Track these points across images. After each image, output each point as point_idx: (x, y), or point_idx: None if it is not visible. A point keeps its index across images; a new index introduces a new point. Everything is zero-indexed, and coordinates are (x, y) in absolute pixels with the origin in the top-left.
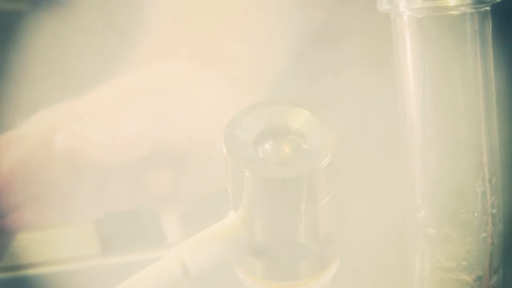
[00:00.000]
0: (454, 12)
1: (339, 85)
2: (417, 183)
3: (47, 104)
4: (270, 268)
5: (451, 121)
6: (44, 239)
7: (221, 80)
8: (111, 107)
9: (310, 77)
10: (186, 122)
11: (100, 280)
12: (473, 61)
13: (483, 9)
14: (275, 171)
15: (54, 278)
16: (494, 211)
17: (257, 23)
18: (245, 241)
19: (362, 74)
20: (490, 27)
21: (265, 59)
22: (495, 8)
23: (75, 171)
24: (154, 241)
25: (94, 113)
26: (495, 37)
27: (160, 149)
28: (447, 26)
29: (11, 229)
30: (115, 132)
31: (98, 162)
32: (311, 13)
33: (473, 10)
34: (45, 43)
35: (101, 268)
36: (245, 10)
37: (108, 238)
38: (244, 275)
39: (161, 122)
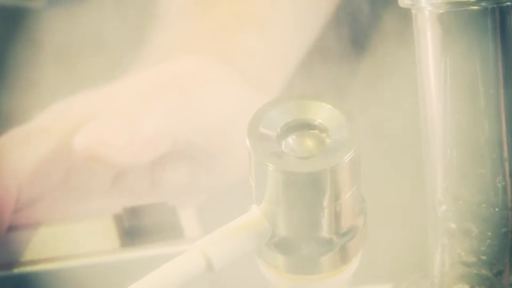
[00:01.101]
0: (476, 7)
1: (359, 80)
2: (438, 178)
3: (62, 99)
4: (292, 262)
5: (472, 116)
6: (62, 234)
7: (237, 75)
8: (128, 105)
9: (328, 71)
10: (203, 117)
11: (119, 275)
12: (494, 56)
13: (504, 4)
14: (298, 165)
15: (73, 273)
16: None
17: (274, 18)
18: (268, 235)
19: (381, 68)
20: None
21: (282, 54)
22: None
23: (93, 169)
24: (172, 235)
25: (111, 110)
26: None
27: (178, 146)
28: (468, 21)
29: (29, 224)
30: (134, 133)
31: (117, 162)
32: (328, 7)
33: (495, 5)
34: (60, 40)
35: (120, 262)
36: (261, 5)
37: (126, 233)
38: (266, 269)
39: (179, 120)
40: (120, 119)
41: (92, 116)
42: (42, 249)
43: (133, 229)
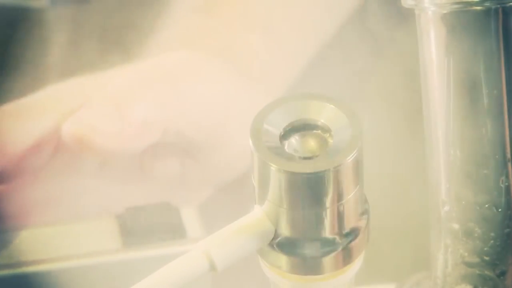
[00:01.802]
0: (479, 8)
1: (364, 81)
2: (442, 178)
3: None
4: (295, 262)
5: (475, 117)
6: (65, 234)
7: (235, 72)
8: (120, 93)
9: (334, 72)
10: (196, 110)
11: (121, 275)
12: (498, 56)
13: (508, 5)
14: (301, 166)
15: (75, 273)
16: None
17: (281, 19)
18: (270, 235)
19: (385, 70)
20: None
21: (287, 55)
22: None
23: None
24: (175, 236)
25: (102, 97)
26: None
27: (168, 137)
28: (471, 21)
29: (30, 224)
30: (123, 120)
31: (106, 149)
32: (336, 10)
33: (498, 6)
34: (64, 39)
35: (122, 262)
36: (269, 5)
37: (129, 233)
38: (269, 269)
39: (170, 110)
40: (111, 106)
41: (85, 101)
42: (44, 249)
43: (135, 229)
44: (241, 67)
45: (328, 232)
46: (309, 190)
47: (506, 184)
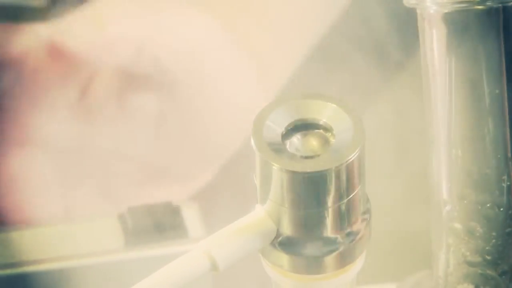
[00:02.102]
0: (480, 7)
1: (363, 80)
2: (443, 178)
3: None
4: (297, 262)
5: (477, 116)
6: (67, 233)
7: (223, 29)
8: (101, 10)
9: (332, 70)
10: (175, 42)
11: (122, 275)
12: (498, 55)
13: (509, 4)
14: (302, 165)
15: (77, 272)
16: None
17: (280, 15)
18: (272, 234)
19: (386, 68)
20: None
21: (285, 51)
22: None
23: (59, 68)
24: (176, 235)
25: (84, 13)
26: None
27: (144, 60)
28: (473, 21)
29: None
30: (99, 29)
31: (80, 58)
32: (336, 7)
33: (499, 5)
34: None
35: (123, 262)
36: (268, 2)
37: (130, 232)
38: (270, 268)
39: (149, 32)
40: (89, 17)
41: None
42: (47, 248)
43: (137, 228)
44: (241, 59)
45: (330, 231)
46: (311, 189)
47: (508, 183)
